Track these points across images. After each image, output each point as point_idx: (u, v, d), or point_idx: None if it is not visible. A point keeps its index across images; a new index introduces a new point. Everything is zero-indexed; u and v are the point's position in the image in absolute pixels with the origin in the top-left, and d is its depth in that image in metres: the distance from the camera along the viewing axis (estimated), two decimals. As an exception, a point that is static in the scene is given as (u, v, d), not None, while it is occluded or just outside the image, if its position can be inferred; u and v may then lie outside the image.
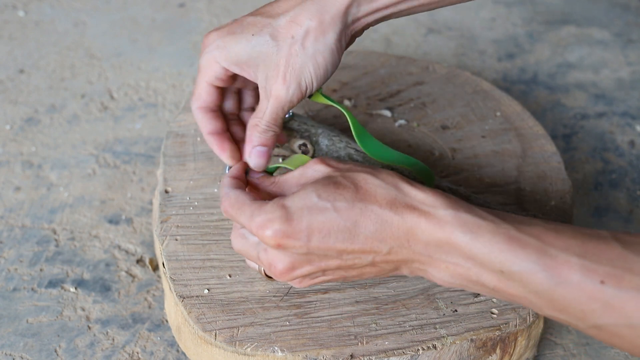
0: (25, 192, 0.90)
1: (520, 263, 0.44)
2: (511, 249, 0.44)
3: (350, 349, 0.56)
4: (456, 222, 0.46)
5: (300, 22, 0.54)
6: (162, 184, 0.70)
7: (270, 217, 0.48)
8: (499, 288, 0.46)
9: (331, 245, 0.48)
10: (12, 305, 0.75)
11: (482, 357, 0.59)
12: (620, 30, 1.26)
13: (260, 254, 0.51)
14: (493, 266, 0.45)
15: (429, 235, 0.47)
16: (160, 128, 1.01)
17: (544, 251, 0.44)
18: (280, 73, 0.55)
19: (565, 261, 0.43)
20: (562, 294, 0.43)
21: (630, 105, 1.08)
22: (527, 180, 0.71)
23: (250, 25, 0.55)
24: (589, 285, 0.42)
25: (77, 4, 1.31)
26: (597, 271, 0.42)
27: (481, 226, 0.46)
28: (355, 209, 0.48)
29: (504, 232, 0.45)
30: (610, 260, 0.42)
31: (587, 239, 0.44)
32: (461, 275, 0.47)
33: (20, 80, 1.11)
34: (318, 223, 0.48)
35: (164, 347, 0.71)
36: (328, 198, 0.48)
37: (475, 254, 0.45)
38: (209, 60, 0.57)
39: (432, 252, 0.47)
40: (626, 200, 0.91)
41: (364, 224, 0.48)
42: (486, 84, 0.86)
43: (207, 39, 0.57)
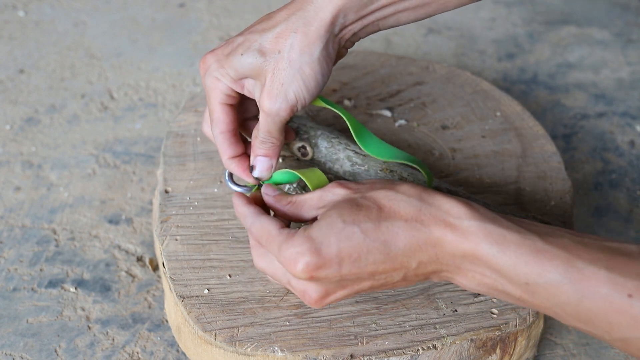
0: (25, 192, 0.90)
1: (547, 275, 0.44)
2: (537, 262, 0.44)
3: (350, 349, 0.56)
4: (482, 234, 0.46)
5: (285, 36, 0.55)
6: (162, 184, 0.70)
7: (300, 250, 0.48)
8: (524, 298, 0.46)
9: (363, 269, 0.48)
10: (12, 305, 0.75)
11: (482, 357, 0.59)
12: (620, 30, 1.26)
13: (291, 282, 0.51)
14: (519, 278, 0.45)
15: (455, 247, 0.47)
16: (160, 128, 1.01)
17: (571, 263, 0.43)
18: (267, 88, 0.56)
19: (592, 274, 0.43)
20: (588, 307, 0.43)
21: (630, 105, 1.08)
22: (527, 180, 0.71)
23: (240, 45, 0.57)
24: (616, 299, 0.42)
25: (77, 4, 1.31)
26: (625, 285, 0.42)
27: (506, 237, 0.45)
28: (382, 229, 0.48)
29: (530, 244, 0.45)
30: (638, 274, 0.42)
31: (614, 253, 0.44)
32: (487, 284, 0.47)
33: (20, 80, 1.11)
34: (348, 249, 0.47)
35: (164, 347, 0.71)
36: (354, 222, 0.48)
37: (501, 267, 0.45)
38: (213, 81, 0.58)
39: (458, 262, 0.47)
40: (626, 200, 0.91)
41: (393, 242, 0.48)
42: (486, 84, 0.86)
43: (204, 63, 0.59)
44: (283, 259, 0.49)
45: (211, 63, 0.58)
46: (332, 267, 0.48)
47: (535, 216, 0.61)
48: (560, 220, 0.67)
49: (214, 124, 0.60)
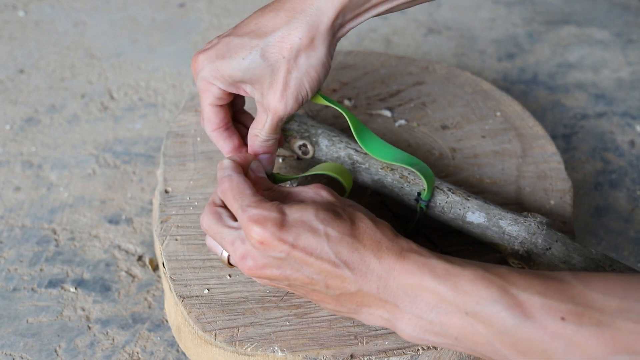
0: (25, 192, 0.90)
1: (484, 302, 0.45)
2: (476, 290, 0.46)
3: (350, 349, 0.56)
4: (426, 267, 0.48)
5: (290, 41, 0.55)
6: (162, 184, 0.70)
7: (266, 216, 0.49)
8: (462, 335, 0.47)
9: (308, 262, 0.49)
10: (12, 305, 0.75)
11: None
12: (620, 30, 1.26)
13: (235, 242, 0.51)
14: (458, 308, 0.46)
15: (400, 279, 0.48)
16: (160, 128, 1.01)
17: (506, 290, 0.45)
18: (277, 91, 0.56)
19: (527, 299, 0.44)
20: (525, 333, 0.44)
21: (630, 105, 1.08)
22: (527, 180, 0.71)
23: (239, 48, 0.56)
24: (550, 323, 0.43)
25: (77, 4, 1.31)
26: (558, 308, 0.43)
27: (449, 270, 0.47)
28: (343, 242, 0.49)
29: (469, 274, 0.46)
30: (571, 297, 0.43)
31: (547, 279, 0.45)
32: (423, 327, 0.48)
33: (20, 80, 1.11)
34: (305, 239, 0.49)
35: (164, 347, 0.71)
36: (323, 222, 0.49)
37: (442, 296, 0.47)
38: (205, 84, 0.59)
39: (398, 299, 0.48)
40: (626, 200, 0.91)
41: (344, 258, 0.49)
42: (486, 84, 0.86)
43: (197, 64, 0.59)
44: (247, 215, 0.49)
45: (204, 65, 0.58)
46: (283, 247, 0.49)
47: (535, 215, 0.61)
48: (560, 220, 0.67)
49: (206, 124, 0.61)
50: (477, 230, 0.62)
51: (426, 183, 0.61)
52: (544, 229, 0.60)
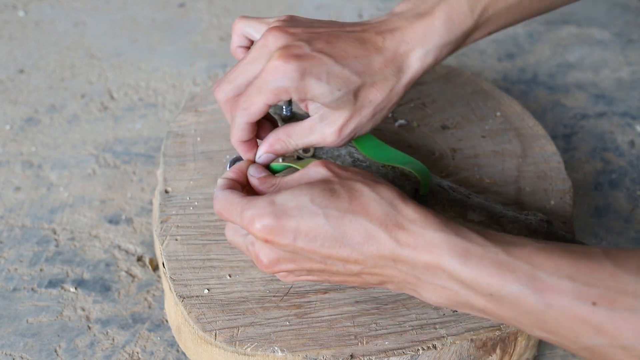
0: (25, 192, 0.90)
1: (510, 287, 0.44)
2: (500, 273, 0.44)
3: (350, 349, 0.56)
4: (445, 245, 0.46)
5: (380, 90, 0.56)
6: (162, 184, 0.70)
7: (260, 212, 0.49)
8: (488, 310, 0.46)
9: (316, 250, 0.48)
10: (12, 305, 0.75)
11: (482, 357, 0.59)
12: (620, 30, 1.26)
13: (248, 247, 0.52)
14: (482, 290, 0.45)
15: (416, 257, 0.46)
16: (160, 128, 1.01)
17: (533, 275, 0.43)
18: (340, 125, 0.57)
19: (556, 284, 0.43)
20: (553, 316, 0.43)
21: (630, 105, 1.08)
22: (527, 180, 0.71)
23: (337, 77, 0.54)
24: (580, 308, 0.42)
25: (77, 4, 1.31)
26: (588, 293, 0.42)
27: (469, 250, 0.45)
28: (345, 220, 0.48)
29: (493, 256, 0.45)
30: (602, 280, 0.42)
31: (578, 259, 0.43)
32: (449, 297, 0.47)
33: (20, 80, 1.11)
34: (306, 226, 0.48)
35: (164, 347, 0.71)
36: (320, 204, 0.48)
37: (463, 278, 0.45)
38: (280, 90, 0.53)
39: (419, 273, 0.47)
40: (626, 200, 0.91)
41: (351, 235, 0.48)
42: (486, 84, 0.86)
43: (282, 66, 0.52)
44: (244, 219, 0.49)
45: (293, 76, 0.53)
46: (288, 238, 0.48)
47: (535, 214, 0.62)
48: (561, 220, 0.67)
49: (247, 113, 0.56)
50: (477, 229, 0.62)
51: (421, 179, 0.62)
52: (544, 227, 0.60)
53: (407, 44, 0.56)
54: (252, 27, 0.61)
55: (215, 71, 1.14)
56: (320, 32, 0.55)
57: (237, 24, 0.61)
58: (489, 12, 0.58)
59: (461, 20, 0.57)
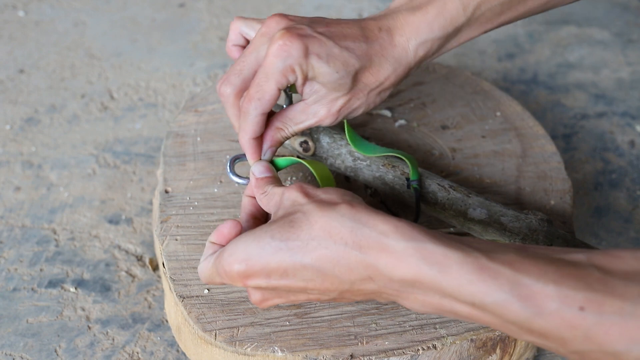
0: (25, 192, 0.90)
1: (493, 294, 0.42)
2: (482, 280, 0.42)
3: (350, 349, 0.56)
4: (420, 255, 0.43)
5: (377, 75, 0.58)
6: (162, 184, 0.70)
7: (229, 261, 0.49)
8: (474, 317, 0.44)
9: (291, 284, 0.48)
10: (12, 305, 0.75)
11: (482, 357, 0.59)
12: (620, 30, 1.26)
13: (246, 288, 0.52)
14: (464, 298, 0.43)
15: (392, 271, 0.44)
16: (160, 128, 1.01)
17: (517, 281, 0.41)
18: (337, 107, 0.58)
19: (541, 290, 0.41)
20: (540, 324, 0.41)
21: (630, 105, 1.08)
22: (527, 180, 0.71)
23: (337, 59, 0.55)
24: (568, 313, 0.40)
25: (77, 4, 1.31)
26: (575, 298, 0.40)
27: (448, 256, 0.43)
28: (309, 247, 0.46)
29: (473, 262, 0.42)
30: (589, 284, 0.40)
31: (563, 265, 0.42)
32: (433, 306, 0.45)
33: (20, 80, 1.11)
34: (274, 263, 0.47)
35: (164, 347, 0.71)
36: (281, 238, 0.47)
37: (444, 288, 0.43)
38: (288, 69, 0.54)
39: (397, 286, 0.45)
40: (626, 200, 0.91)
41: (320, 262, 0.46)
42: (486, 84, 0.85)
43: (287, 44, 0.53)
44: (224, 277, 0.50)
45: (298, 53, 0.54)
46: (261, 278, 0.48)
47: (535, 213, 0.62)
48: (560, 220, 0.67)
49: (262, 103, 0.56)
50: (478, 227, 0.62)
51: (409, 163, 0.63)
52: (545, 226, 0.60)
53: (401, 35, 0.58)
54: (249, 27, 0.62)
55: (215, 71, 1.14)
56: (320, 20, 0.57)
57: (234, 23, 0.62)
58: (482, 9, 0.59)
59: (453, 15, 0.58)
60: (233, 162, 0.63)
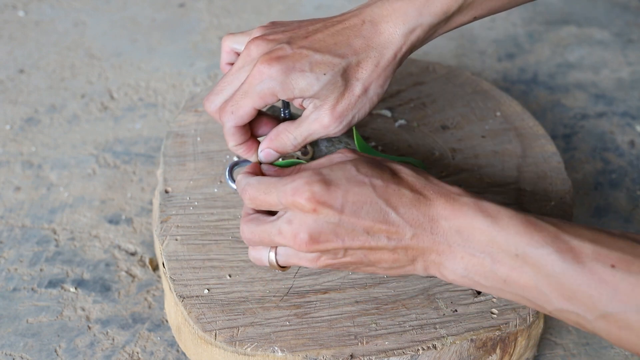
0: (25, 192, 0.90)
1: (535, 244, 0.46)
2: (528, 232, 0.47)
3: (350, 349, 0.56)
4: (478, 208, 0.49)
5: (365, 67, 0.57)
6: (162, 184, 0.70)
7: (308, 181, 0.50)
8: (510, 278, 0.48)
9: (361, 219, 0.50)
10: (12, 305, 0.75)
11: (482, 357, 0.59)
12: (620, 30, 1.26)
13: (282, 228, 0.51)
14: (509, 249, 0.47)
15: (452, 220, 0.50)
16: (160, 128, 1.01)
17: (558, 236, 0.46)
18: (334, 107, 0.57)
19: (578, 245, 0.46)
20: (573, 278, 0.45)
21: (630, 105, 1.08)
22: (527, 180, 0.71)
23: (320, 64, 0.56)
24: (600, 269, 0.44)
25: (77, 4, 1.31)
26: (608, 256, 0.44)
27: (500, 212, 0.49)
28: (389, 189, 0.50)
29: (522, 217, 0.48)
30: (621, 248, 0.45)
31: (600, 230, 0.47)
32: (475, 267, 0.49)
33: (20, 80, 1.11)
34: (354, 194, 0.50)
35: (164, 347, 0.71)
36: (367, 174, 0.51)
37: (494, 237, 0.48)
38: (266, 92, 0.56)
39: (451, 239, 0.50)
40: (626, 200, 0.91)
41: (394, 204, 0.50)
42: (486, 84, 0.86)
43: (266, 69, 0.55)
44: (289, 190, 0.50)
45: (272, 75, 0.55)
46: (335, 207, 0.49)
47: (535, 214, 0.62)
48: (560, 220, 0.67)
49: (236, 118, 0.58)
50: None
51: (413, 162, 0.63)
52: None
53: (387, 22, 0.57)
54: (239, 42, 0.63)
55: (215, 71, 1.14)
56: (300, 32, 0.58)
57: (224, 41, 0.63)
58: None
59: (443, 1, 0.57)
60: (232, 169, 0.64)
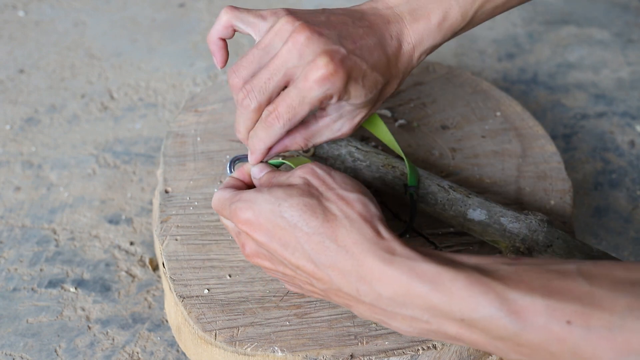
0: (25, 192, 0.90)
1: (482, 310, 0.42)
2: (472, 296, 0.43)
3: (350, 349, 0.56)
4: (413, 273, 0.45)
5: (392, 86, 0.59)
6: (162, 184, 0.70)
7: (242, 206, 0.51)
8: (460, 336, 0.44)
9: (287, 257, 0.49)
10: (12, 305, 0.75)
11: (482, 357, 0.59)
12: (620, 30, 1.26)
13: (238, 234, 0.54)
14: (453, 315, 0.43)
15: (383, 285, 0.45)
16: (160, 128, 1.01)
17: (505, 296, 0.42)
18: (358, 120, 0.59)
19: (529, 304, 0.41)
20: (528, 339, 0.41)
21: (630, 105, 1.08)
22: (527, 180, 0.71)
23: (369, 79, 0.56)
24: (555, 327, 0.40)
25: (77, 4, 1.31)
26: (563, 311, 0.40)
27: (440, 274, 0.44)
28: (313, 238, 0.48)
29: (464, 279, 0.43)
30: (577, 297, 0.40)
31: (551, 278, 0.42)
32: (420, 327, 0.46)
33: (20, 80, 1.11)
34: (279, 232, 0.49)
35: (164, 347, 0.71)
36: (291, 218, 0.49)
37: (435, 304, 0.44)
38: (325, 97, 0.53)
39: (384, 305, 0.46)
40: (626, 200, 0.91)
41: (317, 255, 0.48)
42: (486, 84, 0.86)
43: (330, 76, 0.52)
44: (231, 211, 0.52)
45: (340, 83, 0.53)
46: (263, 236, 0.50)
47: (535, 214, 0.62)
48: (560, 220, 0.67)
49: (291, 123, 0.56)
50: (478, 228, 0.62)
51: (408, 167, 0.63)
52: (544, 227, 0.60)
53: (408, 44, 0.58)
54: (243, 20, 0.58)
55: (215, 71, 1.14)
56: (342, 30, 0.55)
57: (225, 15, 0.59)
58: (478, 13, 0.60)
59: (452, 23, 0.59)
60: (233, 164, 0.64)
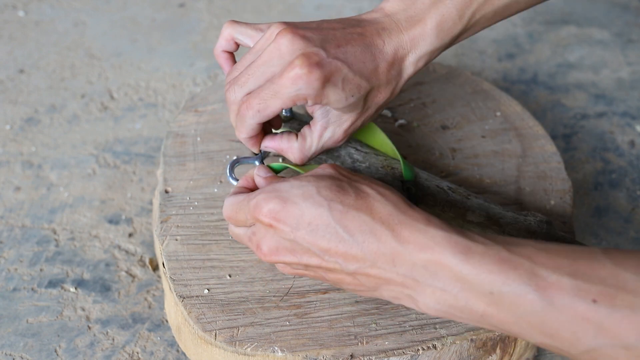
0: (25, 192, 0.90)
1: (511, 284, 0.43)
2: (502, 270, 0.44)
3: (350, 349, 0.56)
4: (446, 243, 0.46)
5: (383, 95, 0.59)
6: (162, 184, 0.70)
7: (266, 197, 0.50)
8: (487, 314, 0.45)
9: (316, 241, 0.49)
10: (12, 305, 0.75)
11: (482, 357, 0.59)
12: (620, 30, 1.26)
13: (250, 237, 0.53)
14: (483, 288, 0.44)
15: (417, 255, 0.46)
16: (160, 128, 1.01)
17: (535, 272, 0.43)
18: (348, 127, 0.59)
19: (556, 281, 0.42)
20: (553, 316, 0.42)
21: (630, 105, 1.08)
22: (527, 180, 0.71)
23: (351, 84, 0.55)
24: (581, 305, 0.41)
25: (77, 4, 1.31)
26: (589, 290, 0.41)
27: (471, 247, 0.45)
28: (348, 214, 0.48)
29: (494, 254, 0.44)
30: (602, 278, 0.42)
31: (578, 258, 0.43)
32: (448, 302, 0.46)
33: (20, 80, 1.11)
34: (309, 215, 0.49)
35: (164, 347, 0.71)
36: (327, 196, 0.49)
37: (464, 275, 0.45)
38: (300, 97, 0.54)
39: (417, 274, 0.47)
40: (626, 200, 0.91)
41: (352, 231, 0.48)
42: (486, 84, 0.86)
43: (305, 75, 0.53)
44: (251, 207, 0.51)
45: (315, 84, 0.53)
46: (290, 223, 0.49)
47: (534, 214, 0.62)
48: (561, 220, 0.67)
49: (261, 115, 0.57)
50: (477, 229, 0.62)
51: (401, 162, 0.64)
52: (544, 228, 0.60)
53: (403, 49, 0.58)
54: (242, 34, 0.61)
55: (215, 71, 1.14)
56: (328, 34, 0.56)
57: (226, 28, 0.62)
58: (477, 17, 0.59)
59: (450, 27, 0.58)
60: (233, 166, 0.64)
